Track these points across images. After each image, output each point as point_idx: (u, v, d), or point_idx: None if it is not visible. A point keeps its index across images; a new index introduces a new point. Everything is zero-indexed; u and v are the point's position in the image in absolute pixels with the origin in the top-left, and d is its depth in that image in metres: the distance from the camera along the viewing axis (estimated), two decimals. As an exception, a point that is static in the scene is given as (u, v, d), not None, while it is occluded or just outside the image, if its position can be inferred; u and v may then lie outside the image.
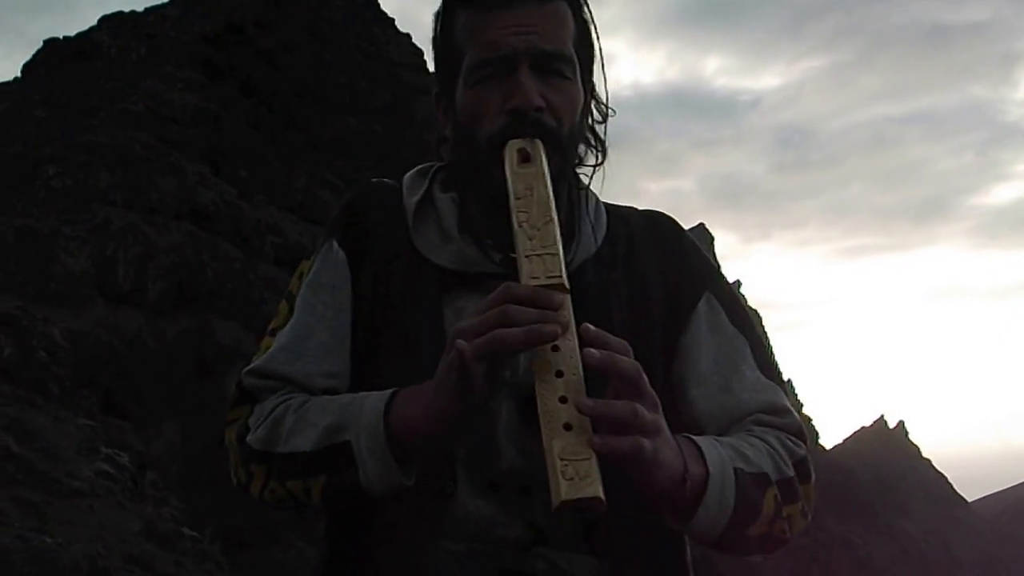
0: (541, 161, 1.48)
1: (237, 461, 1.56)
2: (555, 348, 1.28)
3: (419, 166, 1.75)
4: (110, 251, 20.85)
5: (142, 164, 24.02)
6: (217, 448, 1.64)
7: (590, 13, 1.62)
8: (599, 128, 1.66)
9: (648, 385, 1.26)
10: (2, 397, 13.46)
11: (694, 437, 1.41)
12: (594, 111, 1.65)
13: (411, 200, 1.67)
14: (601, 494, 1.17)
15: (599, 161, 1.66)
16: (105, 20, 34.94)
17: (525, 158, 1.48)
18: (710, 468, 1.37)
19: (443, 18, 1.62)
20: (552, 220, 1.40)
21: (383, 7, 39.92)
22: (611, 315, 1.59)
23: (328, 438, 1.47)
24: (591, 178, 1.68)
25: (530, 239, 1.37)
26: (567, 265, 1.39)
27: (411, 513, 1.50)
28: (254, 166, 29.03)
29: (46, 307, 17.78)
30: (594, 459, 1.19)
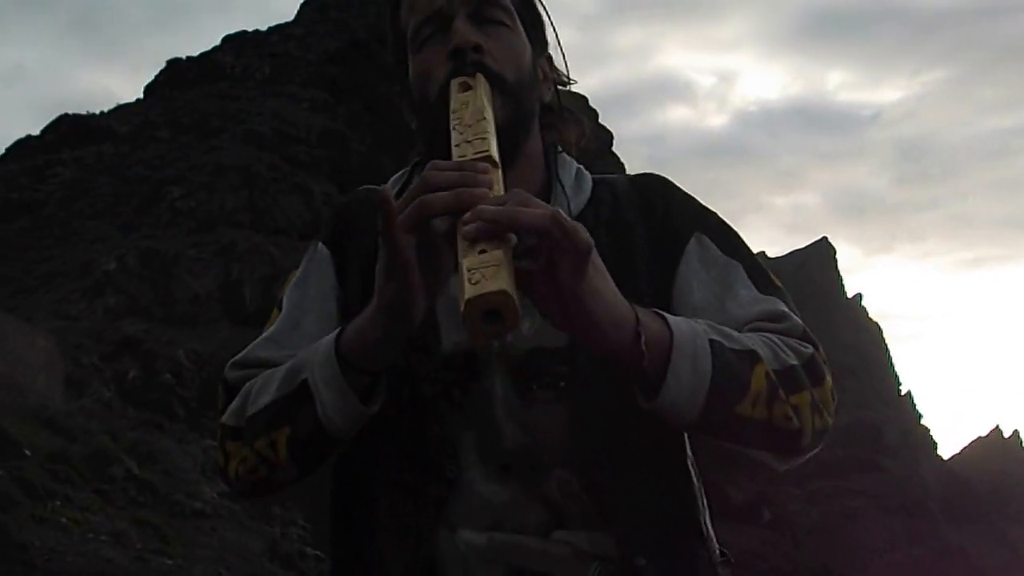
0: (481, 85, 1.46)
1: (217, 447, 1.54)
2: None
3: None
4: (235, 273, 21.17)
5: (268, 185, 24.43)
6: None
7: None
8: (567, 99, 1.68)
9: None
10: (127, 421, 13.81)
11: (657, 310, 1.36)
12: (554, 84, 1.67)
13: (392, 191, 1.61)
14: (507, 287, 1.11)
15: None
16: (228, 40, 35.72)
17: (467, 89, 1.46)
18: (673, 329, 1.31)
19: (390, 12, 1.65)
20: (485, 119, 1.36)
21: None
22: None
23: (288, 384, 1.42)
24: (575, 146, 1.68)
25: (461, 134, 1.34)
26: None
27: (413, 501, 1.46)
28: (381, 184, 29.30)
29: (172, 329, 18.12)
30: (505, 264, 1.13)
